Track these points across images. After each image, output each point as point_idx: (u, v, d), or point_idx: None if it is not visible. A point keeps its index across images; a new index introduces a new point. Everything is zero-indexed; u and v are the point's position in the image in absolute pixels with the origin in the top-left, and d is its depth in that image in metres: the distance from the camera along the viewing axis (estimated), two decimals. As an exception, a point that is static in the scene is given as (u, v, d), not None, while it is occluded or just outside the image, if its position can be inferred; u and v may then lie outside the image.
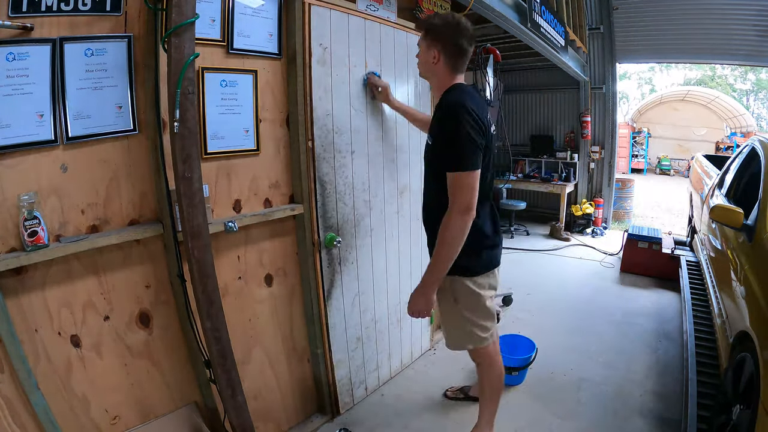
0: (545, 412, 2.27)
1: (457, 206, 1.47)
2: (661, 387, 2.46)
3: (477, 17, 3.25)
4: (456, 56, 1.56)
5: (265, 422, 1.95)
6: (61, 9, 1.23)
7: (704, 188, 3.97)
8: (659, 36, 5.53)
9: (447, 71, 1.58)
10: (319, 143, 1.90)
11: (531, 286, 4.04)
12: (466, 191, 1.46)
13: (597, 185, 6.27)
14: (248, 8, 1.64)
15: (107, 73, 1.33)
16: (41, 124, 1.22)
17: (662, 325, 3.25)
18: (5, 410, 1.20)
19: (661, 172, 13.73)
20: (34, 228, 1.19)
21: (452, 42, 1.54)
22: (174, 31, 1.26)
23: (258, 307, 1.86)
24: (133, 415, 1.50)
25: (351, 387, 2.28)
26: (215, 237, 1.60)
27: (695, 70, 18.45)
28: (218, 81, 1.58)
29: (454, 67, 1.58)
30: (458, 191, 1.47)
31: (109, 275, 1.41)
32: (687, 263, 3.81)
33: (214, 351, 1.47)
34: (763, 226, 1.94)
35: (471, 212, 1.47)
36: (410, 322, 2.63)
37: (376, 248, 2.29)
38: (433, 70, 1.60)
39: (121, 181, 1.41)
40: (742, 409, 1.57)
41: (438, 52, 1.55)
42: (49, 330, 1.29)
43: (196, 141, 1.34)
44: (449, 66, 1.57)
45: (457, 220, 1.47)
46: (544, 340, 2.91)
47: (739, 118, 12.77)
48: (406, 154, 2.41)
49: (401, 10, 2.27)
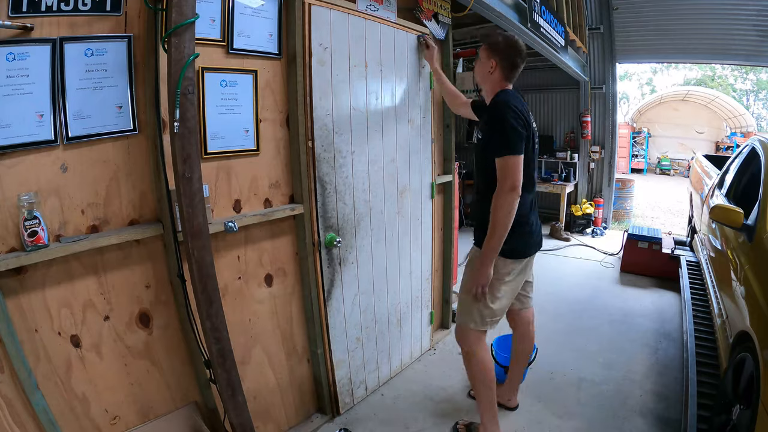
0: (545, 412, 2.26)
1: (505, 186, 1.66)
2: (661, 387, 2.46)
3: (477, 17, 3.25)
4: (509, 69, 1.82)
5: (265, 422, 1.95)
6: (61, 9, 1.23)
7: (704, 188, 3.97)
8: (659, 36, 5.53)
9: (499, 80, 1.83)
10: (319, 143, 1.90)
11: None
12: (513, 172, 1.66)
13: (597, 185, 6.28)
14: (248, 8, 1.64)
15: (107, 73, 1.33)
16: (41, 124, 1.22)
17: (662, 325, 3.25)
18: (5, 410, 1.20)
19: (661, 172, 13.73)
20: (34, 228, 1.19)
21: (510, 57, 1.80)
22: (174, 31, 1.26)
23: (258, 307, 1.86)
24: (133, 415, 1.50)
25: (351, 387, 2.28)
26: (215, 237, 1.60)
27: (695, 70, 18.42)
28: (218, 81, 1.58)
29: (506, 78, 1.83)
30: (506, 172, 1.67)
31: (109, 275, 1.41)
32: (687, 263, 3.81)
33: (214, 351, 1.47)
34: (763, 226, 1.94)
35: (517, 191, 1.66)
36: (410, 322, 2.63)
37: (376, 248, 2.29)
38: (488, 78, 1.84)
39: (121, 181, 1.41)
40: (742, 409, 1.57)
41: (495, 63, 1.81)
42: (49, 330, 1.29)
43: (196, 141, 1.34)
44: (502, 76, 1.82)
45: (506, 198, 1.67)
46: (544, 340, 2.91)
47: (739, 118, 12.77)
48: (406, 154, 2.41)
49: (401, 10, 2.27)
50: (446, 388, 2.47)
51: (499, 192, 1.69)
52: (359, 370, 2.31)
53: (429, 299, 2.77)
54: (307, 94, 1.83)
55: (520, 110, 1.70)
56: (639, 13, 5.56)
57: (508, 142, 1.67)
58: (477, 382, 1.94)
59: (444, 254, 3.01)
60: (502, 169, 1.68)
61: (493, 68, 1.82)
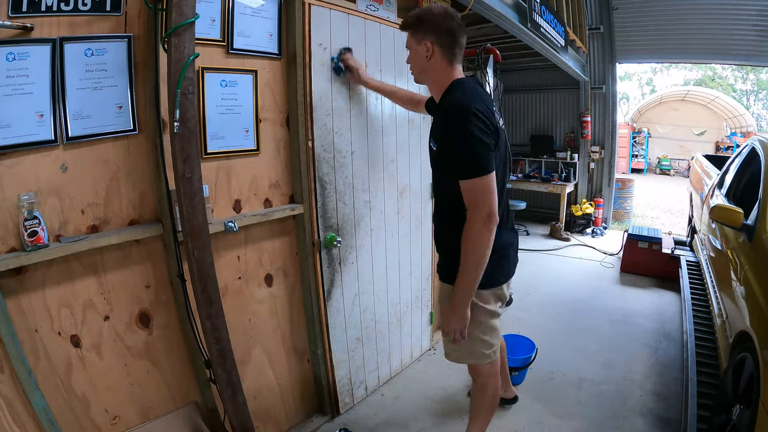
0: (545, 412, 2.27)
1: (478, 215, 1.35)
2: (661, 387, 2.46)
3: (477, 17, 3.26)
4: (451, 45, 1.44)
5: (265, 422, 1.95)
6: (61, 9, 1.23)
7: (704, 188, 3.97)
8: (659, 36, 5.52)
9: (444, 64, 1.46)
10: (319, 143, 1.90)
11: (531, 286, 4.04)
12: (485, 196, 1.34)
13: (597, 185, 6.27)
14: (248, 8, 1.64)
15: (107, 73, 1.33)
16: (41, 124, 1.22)
17: (662, 325, 3.25)
18: (5, 410, 1.20)
19: (661, 172, 13.73)
20: (34, 228, 1.19)
21: (445, 29, 1.41)
22: (174, 31, 1.26)
23: (258, 307, 1.86)
24: (133, 415, 1.50)
25: (351, 387, 2.28)
26: (215, 237, 1.60)
27: (695, 70, 18.41)
28: (218, 81, 1.58)
29: (450, 59, 1.45)
30: (476, 198, 1.35)
31: (109, 275, 1.41)
32: (687, 263, 3.82)
33: (214, 351, 1.47)
34: (763, 226, 1.94)
35: (494, 218, 1.35)
36: (410, 322, 2.63)
37: (376, 248, 2.29)
38: (428, 67, 1.47)
39: (121, 181, 1.41)
40: (742, 409, 1.57)
41: (431, 43, 1.43)
42: (49, 330, 1.29)
43: (196, 141, 1.34)
44: (446, 58, 1.45)
45: (480, 230, 1.35)
46: (544, 340, 2.91)
47: (739, 118, 12.77)
48: (406, 154, 2.41)
49: (401, 10, 2.27)
50: (446, 388, 2.48)
51: (471, 223, 1.36)
52: (359, 370, 2.31)
53: (429, 299, 2.77)
54: (307, 94, 1.83)
55: (482, 112, 1.34)
56: (639, 13, 5.56)
57: (477, 161, 1.33)
58: (485, 408, 1.78)
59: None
60: (470, 193, 1.36)
61: (430, 51, 1.44)
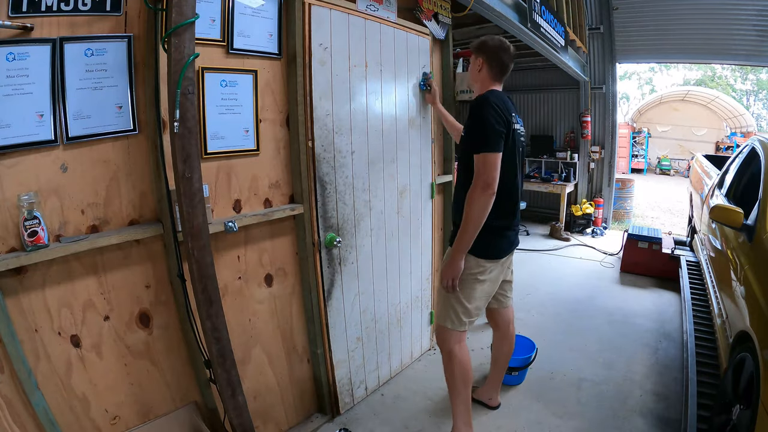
0: (545, 412, 2.27)
1: (479, 182, 1.67)
2: (661, 387, 2.46)
3: (477, 17, 3.25)
4: (497, 68, 1.85)
5: (265, 422, 1.95)
6: (61, 9, 1.23)
7: (704, 188, 3.97)
8: (659, 36, 5.53)
9: (488, 78, 1.87)
10: (319, 143, 1.90)
11: (531, 286, 4.04)
12: (489, 169, 1.66)
13: (597, 185, 6.28)
14: (248, 8, 1.64)
15: (107, 73, 1.33)
16: (41, 124, 1.22)
17: (662, 325, 3.25)
18: (5, 410, 1.20)
19: (661, 172, 13.73)
20: (34, 228, 1.19)
21: (494, 53, 1.84)
22: (174, 31, 1.26)
23: (258, 307, 1.86)
24: (133, 415, 1.50)
25: (351, 387, 2.28)
26: (215, 237, 1.60)
27: (695, 70, 18.41)
28: (218, 81, 1.58)
29: (494, 77, 1.86)
30: (481, 169, 1.67)
31: (109, 275, 1.41)
32: (687, 263, 3.82)
33: (214, 351, 1.47)
34: (763, 226, 1.94)
35: (491, 189, 1.66)
36: (410, 322, 2.63)
37: (376, 248, 2.29)
38: (478, 77, 1.89)
39: (121, 181, 1.41)
40: (742, 409, 1.57)
41: (482, 61, 1.86)
42: (49, 330, 1.29)
43: (196, 141, 1.34)
44: (490, 75, 1.86)
45: (478, 195, 1.67)
46: (544, 340, 2.91)
47: (739, 118, 12.77)
48: (406, 154, 2.41)
49: (401, 10, 2.27)
50: (446, 388, 2.46)
51: (473, 188, 1.69)
52: (359, 370, 2.31)
53: (429, 299, 2.77)
54: (307, 94, 1.83)
55: (500, 108, 1.70)
56: (639, 13, 5.56)
57: (487, 138, 1.67)
58: (456, 381, 1.92)
59: (444, 254, 3.00)
60: (478, 165, 1.69)
61: (481, 66, 1.87)
